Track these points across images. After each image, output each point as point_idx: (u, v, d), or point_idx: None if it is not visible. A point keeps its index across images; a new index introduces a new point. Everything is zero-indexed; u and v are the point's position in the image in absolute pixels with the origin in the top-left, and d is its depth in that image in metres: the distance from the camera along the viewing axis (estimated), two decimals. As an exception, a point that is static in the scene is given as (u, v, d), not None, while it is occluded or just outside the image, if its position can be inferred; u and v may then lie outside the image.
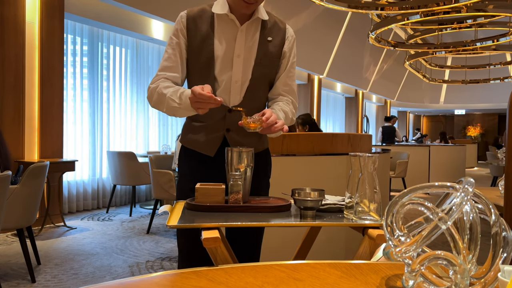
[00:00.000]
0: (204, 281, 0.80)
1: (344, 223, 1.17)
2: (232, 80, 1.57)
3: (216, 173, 1.55)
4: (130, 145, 6.68)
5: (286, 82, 1.68)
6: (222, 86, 1.58)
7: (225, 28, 1.58)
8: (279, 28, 1.65)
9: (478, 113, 23.03)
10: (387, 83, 16.10)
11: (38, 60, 4.76)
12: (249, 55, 1.59)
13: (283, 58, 1.66)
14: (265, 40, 1.61)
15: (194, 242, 1.52)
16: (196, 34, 1.59)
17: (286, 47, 1.66)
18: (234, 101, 1.59)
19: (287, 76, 1.67)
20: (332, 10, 8.23)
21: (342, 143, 3.12)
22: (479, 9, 6.70)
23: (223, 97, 1.56)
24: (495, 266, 0.68)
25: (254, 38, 1.60)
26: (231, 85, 1.58)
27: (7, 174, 2.61)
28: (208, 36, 1.58)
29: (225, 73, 1.57)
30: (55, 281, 3.02)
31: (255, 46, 1.59)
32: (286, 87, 1.68)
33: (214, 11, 1.58)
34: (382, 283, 0.79)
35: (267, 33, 1.62)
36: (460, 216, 0.72)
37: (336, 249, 2.88)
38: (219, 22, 1.59)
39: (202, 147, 1.61)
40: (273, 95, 1.68)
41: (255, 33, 1.60)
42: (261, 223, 1.17)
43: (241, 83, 1.58)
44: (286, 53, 1.66)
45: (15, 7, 4.52)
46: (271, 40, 1.62)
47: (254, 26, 1.60)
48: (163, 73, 1.59)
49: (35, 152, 4.75)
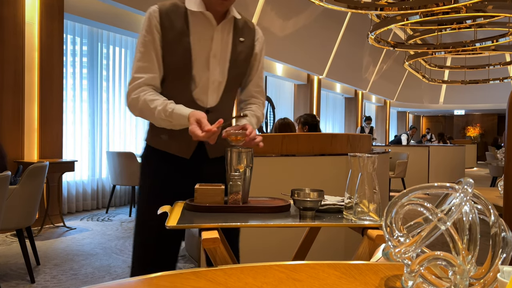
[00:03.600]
0: (203, 281, 0.80)
1: (344, 223, 1.17)
2: (210, 80, 1.54)
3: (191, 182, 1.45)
4: (129, 145, 6.68)
5: (258, 84, 1.67)
6: (199, 86, 1.53)
7: (201, 27, 1.52)
8: (249, 29, 1.63)
9: (477, 114, 23.04)
10: (386, 83, 16.11)
11: (38, 61, 4.76)
12: (224, 55, 1.55)
13: (254, 59, 1.64)
14: (238, 40, 1.58)
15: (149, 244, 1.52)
16: (171, 31, 1.50)
17: (257, 49, 1.64)
18: (211, 102, 1.56)
19: (258, 78, 1.67)
20: (331, 11, 8.23)
21: (341, 144, 3.12)
22: (479, 9, 6.71)
23: (201, 97, 1.54)
24: (494, 267, 0.68)
25: (228, 38, 1.56)
26: (209, 85, 1.54)
27: (6, 174, 2.61)
28: (183, 33, 1.50)
29: (202, 73, 1.53)
30: (55, 281, 3.02)
31: (229, 46, 1.56)
32: (258, 88, 1.68)
33: (188, 7, 1.50)
34: (381, 284, 0.79)
35: (239, 33, 1.59)
36: (460, 217, 0.72)
37: (335, 249, 2.88)
38: (194, 20, 1.51)
39: (177, 149, 1.54)
40: (246, 97, 1.68)
41: (229, 33, 1.57)
42: (261, 223, 1.17)
43: (218, 84, 1.55)
44: (257, 55, 1.64)
45: (14, 7, 4.51)
46: (243, 41, 1.60)
47: (228, 26, 1.57)
48: (140, 75, 1.49)
49: (34, 152, 4.74)
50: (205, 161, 1.57)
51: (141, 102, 1.46)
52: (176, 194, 1.48)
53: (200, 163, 1.57)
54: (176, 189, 1.53)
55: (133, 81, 1.49)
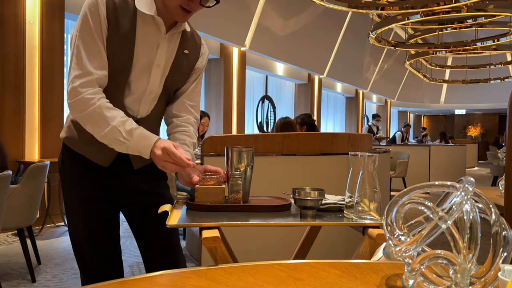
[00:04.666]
0: (204, 280, 0.80)
1: (344, 222, 1.17)
2: (147, 91, 1.40)
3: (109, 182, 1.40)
4: (130, 145, 6.67)
5: (193, 98, 1.54)
6: (133, 95, 1.39)
7: (148, 32, 1.37)
8: (195, 42, 1.52)
9: (478, 113, 23.02)
10: (387, 83, 16.11)
11: (39, 60, 4.76)
12: (167, 66, 1.43)
13: (193, 73, 1.52)
14: (182, 52, 1.46)
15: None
16: (116, 28, 1.33)
17: (200, 64, 1.53)
18: (142, 112, 1.43)
19: (194, 92, 1.54)
20: (332, 10, 8.23)
21: (342, 143, 3.12)
22: (480, 8, 6.70)
23: (133, 106, 1.40)
24: (495, 266, 0.68)
25: (174, 48, 1.44)
26: (144, 95, 1.41)
27: (7, 174, 2.61)
28: (128, 34, 1.34)
29: (140, 82, 1.39)
30: (56, 280, 3.02)
31: (172, 57, 1.44)
32: (193, 102, 1.54)
33: (138, 7, 1.34)
34: (382, 283, 0.79)
35: (184, 45, 1.47)
36: (460, 216, 0.72)
37: (336, 248, 2.88)
38: (142, 23, 1.36)
39: (96, 155, 1.38)
40: (178, 111, 1.51)
41: (176, 43, 1.44)
42: (261, 222, 1.17)
43: (155, 95, 1.43)
44: (198, 70, 1.53)
45: (15, 7, 4.52)
46: (187, 54, 1.48)
47: (176, 36, 1.44)
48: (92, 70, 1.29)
49: (35, 152, 4.75)
50: (129, 172, 1.44)
51: (95, 107, 1.27)
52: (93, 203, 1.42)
53: (122, 173, 1.43)
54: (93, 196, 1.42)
55: (82, 75, 1.28)
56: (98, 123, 1.27)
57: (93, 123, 1.28)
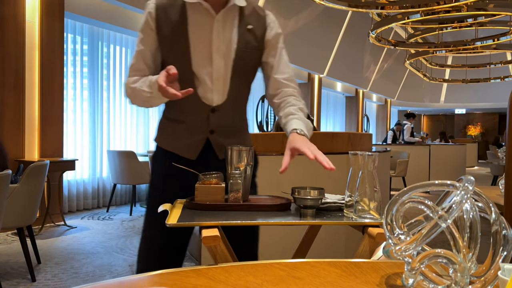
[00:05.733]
0: (204, 279, 0.80)
1: (344, 221, 1.17)
2: (214, 77, 1.42)
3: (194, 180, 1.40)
4: (130, 144, 6.68)
5: (283, 71, 1.50)
6: (203, 85, 1.43)
7: (200, 19, 1.41)
8: (258, 15, 1.49)
9: (478, 113, 23.02)
10: (387, 82, 16.10)
11: (38, 60, 4.76)
12: (229, 48, 1.42)
13: (268, 47, 1.49)
14: (245, 28, 1.44)
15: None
16: (167, 26, 1.41)
17: (269, 35, 1.48)
18: (218, 100, 1.45)
19: (280, 64, 1.50)
20: (332, 9, 8.22)
21: (342, 142, 3.12)
22: (480, 8, 6.70)
23: (206, 95, 1.43)
24: (495, 265, 0.68)
25: (233, 27, 1.43)
26: (213, 82, 1.43)
27: (7, 173, 2.61)
28: (180, 27, 1.41)
29: (204, 69, 1.41)
30: (55, 280, 3.02)
31: (234, 37, 1.43)
32: (284, 75, 1.50)
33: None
34: (382, 282, 0.79)
35: (246, 20, 1.45)
36: (460, 215, 0.72)
37: (336, 247, 2.88)
38: (192, 12, 1.41)
39: (183, 150, 1.46)
40: (274, 90, 1.50)
41: (233, 22, 1.43)
42: (261, 221, 1.17)
43: (223, 80, 1.44)
44: (271, 41, 1.49)
45: (15, 6, 4.51)
46: (252, 29, 1.45)
47: (232, 15, 1.43)
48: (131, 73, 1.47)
49: (35, 151, 4.75)
50: (214, 163, 1.46)
51: (129, 89, 1.44)
52: (182, 195, 1.41)
53: (209, 165, 1.45)
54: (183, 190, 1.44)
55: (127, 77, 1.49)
56: (135, 95, 1.42)
57: (135, 98, 1.44)
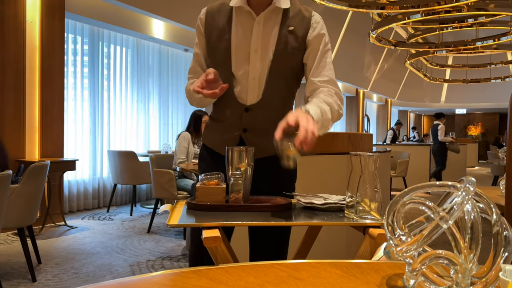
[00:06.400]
0: (205, 280, 0.80)
1: (345, 222, 1.17)
2: (250, 77, 1.47)
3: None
4: (130, 144, 6.68)
5: (321, 73, 1.49)
6: (240, 84, 1.49)
7: (242, 21, 1.49)
8: (303, 17, 1.51)
9: (479, 113, 23.01)
10: (388, 82, 16.09)
11: (39, 60, 4.76)
12: (266, 48, 1.47)
13: (309, 47, 1.50)
14: (286, 30, 1.48)
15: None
16: (214, 30, 1.52)
17: (311, 36, 1.49)
18: (252, 100, 1.49)
19: (321, 67, 1.49)
20: (332, 9, 8.22)
21: (342, 143, 3.12)
22: (480, 8, 6.69)
23: (241, 95, 1.50)
24: (496, 266, 0.68)
25: (273, 29, 1.48)
26: (248, 82, 1.48)
27: (7, 173, 2.61)
28: (225, 30, 1.50)
29: (242, 69, 1.48)
30: (56, 280, 3.03)
31: (274, 38, 1.47)
32: (323, 77, 1.48)
33: (231, 4, 1.49)
34: (383, 283, 0.79)
35: (289, 22, 1.48)
36: (461, 215, 0.72)
37: (336, 248, 2.88)
38: (237, 15, 1.50)
39: (218, 146, 1.55)
40: (310, 91, 1.51)
41: (275, 23, 1.48)
42: (262, 222, 1.17)
43: (259, 80, 1.48)
44: (312, 42, 1.49)
45: (15, 6, 4.52)
46: (293, 30, 1.48)
47: (274, 16, 1.48)
48: (190, 75, 1.63)
49: (35, 151, 4.75)
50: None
51: (187, 92, 1.60)
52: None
53: None
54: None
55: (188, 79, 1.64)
56: (189, 97, 1.59)
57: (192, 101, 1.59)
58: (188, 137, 4.42)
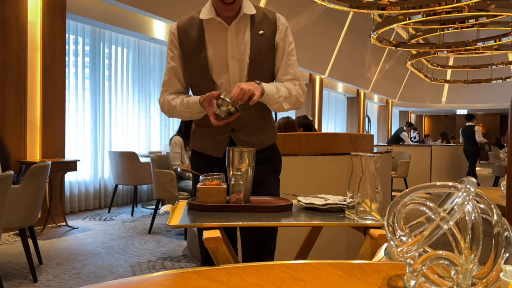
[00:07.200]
0: (205, 281, 0.80)
1: (346, 223, 1.17)
2: (231, 82, 1.58)
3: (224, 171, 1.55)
4: (131, 145, 6.68)
5: (287, 71, 1.64)
6: (221, 89, 1.59)
7: (215, 32, 1.59)
8: (268, 20, 1.64)
9: (480, 113, 22.97)
10: (388, 83, 16.08)
11: (40, 60, 4.77)
12: (243, 54, 1.58)
13: (276, 49, 1.63)
14: (257, 34, 1.60)
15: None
16: (188, 43, 1.61)
17: (278, 37, 1.63)
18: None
19: (286, 65, 1.64)
20: (333, 10, 8.22)
21: (343, 143, 3.12)
22: (481, 8, 6.69)
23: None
24: (497, 266, 0.68)
25: (245, 35, 1.59)
26: (230, 87, 1.57)
27: (9, 174, 2.61)
28: (199, 42, 1.59)
29: (222, 76, 1.59)
30: (57, 280, 3.03)
31: (247, 43, 1.58)
32: (288, 75, 1.64)
33: (201, 17, 1.59)
34: (383, 283, 0.79)
35: (258, 26, 1.60)
36: (462, 216, 0.72)
37: (337, 249, 2.88)
38: (208, 27, 1.60)
39: (211, 149, 1.64)
40: None
41: (245, 30, 1.59)
42: (263, 223, 1.17)
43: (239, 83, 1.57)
44: (279, 44, 1.63)
45: (17, 7, 4.52)
46: (263, 33, 1.60)
47: (243, 23, 1.60)
48: (164, 88, 1.70)
49: (37, 152, 4.75)
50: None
51: (166, 104, 1.66)
52: None
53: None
54: None
55: (161, 92, 1.72)
56: (175, 112, 1.65)
57: (174, 114, 1.66)
58: (180, 142, 4.45)
